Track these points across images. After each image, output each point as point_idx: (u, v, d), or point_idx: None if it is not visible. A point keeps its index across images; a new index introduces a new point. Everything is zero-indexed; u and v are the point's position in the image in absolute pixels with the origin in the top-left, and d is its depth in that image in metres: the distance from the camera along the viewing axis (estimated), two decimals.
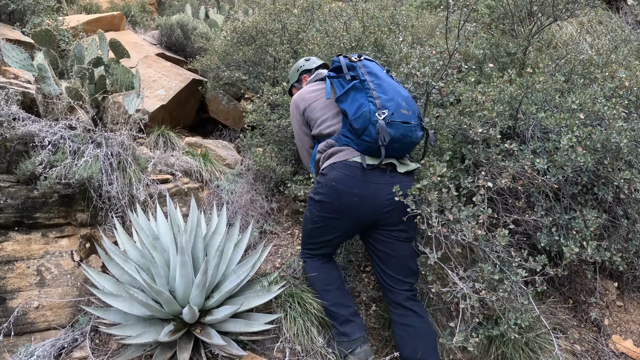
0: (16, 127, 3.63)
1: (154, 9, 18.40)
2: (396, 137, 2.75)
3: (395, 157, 2.90)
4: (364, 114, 2.75)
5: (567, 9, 4.31)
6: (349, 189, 2.83)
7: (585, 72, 4.12)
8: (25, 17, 6.39)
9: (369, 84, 2.82)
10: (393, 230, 2.95)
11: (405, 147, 2.87)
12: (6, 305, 3.38)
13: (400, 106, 2.80)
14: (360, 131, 2.77)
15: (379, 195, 2.84)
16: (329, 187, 2.90)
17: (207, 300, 3.31)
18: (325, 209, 2.98)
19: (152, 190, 4.19)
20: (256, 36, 5.96)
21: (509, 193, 3.64)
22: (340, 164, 2.87)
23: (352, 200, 2.84)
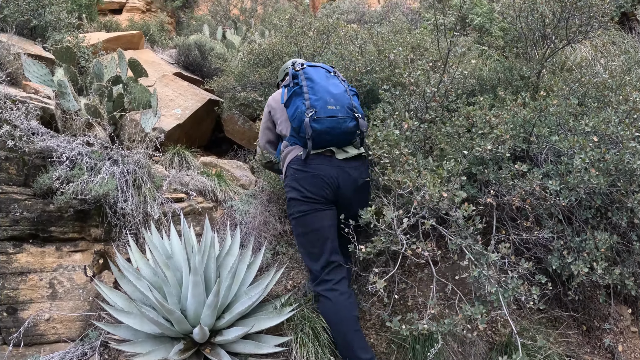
0: (35, 141, 3.70)
1: (172, 29, 18.71)
2: (323, 130, 3.14)
3: (334, 145, 3.25)
4: (298, 114, 3.19)
5: (580, 31, 4.32)
6: (306, 175, 3.21)
7: (599, 95, 4.10)
8: (46, 33, 6.51)
9: (305, 89, 3.24)
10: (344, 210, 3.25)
11: (337, 137, 3.22)
12: (17, 315, 3.41)
13: (328, 103, 3.18)
14: (297, 129, 3.22)
15: (329, 174, 3.20)
16: (292, 179, 3.27)
17: (217, 320, 3.31)
18: (299, 200, 3.24)
19: (167, 208, 4.22)
20: (272, 58, 6.02)
21: (518, 214, 3.63)
22: (292, 161, 3.29)
23: (310, 181, 3.20)
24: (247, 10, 17.89)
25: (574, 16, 4.25)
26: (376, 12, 13.85)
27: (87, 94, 5.30)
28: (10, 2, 5.95)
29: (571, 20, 4.27)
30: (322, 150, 3.23)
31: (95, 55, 6.55)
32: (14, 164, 3.66)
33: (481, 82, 4.85)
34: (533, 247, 3.54)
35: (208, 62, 8.81)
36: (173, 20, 19.83)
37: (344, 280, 3.26)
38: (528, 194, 3.28)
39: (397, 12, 11.49)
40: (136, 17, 18.48)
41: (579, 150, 3.20)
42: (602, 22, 4.28)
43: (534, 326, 3.59)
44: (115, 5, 19.95)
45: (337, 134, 3.20)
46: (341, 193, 3.25)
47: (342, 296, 3.18)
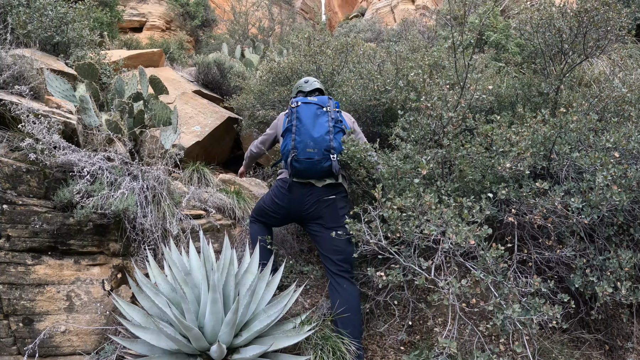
0: (56, 155, 3.72)
1: (191, 47, 18.97)
2: (301, 169, 3.77)
3: (311, 178, 3.86)
4: (285, 152, 3.85)
5: (597, 46, 4.30)
6: (285, 194, 3.92)
7: (618, 109, 4.07)
8: (69, 49, 6.62)
9: (293, 129, 3.83)
10: (317, 222, 3.87)
11: (312, 174, 3.83)
12: (33, 326, 3.41)
13: (308, 146, 3.77)
14: (285, 161, 3.85)
15: (301, 199, 3.87)
16: (278, 190, 3.99)
17: (235, 338, 3.27)
18: (273, 202, 4.00)
19: (185, 225, 4.23)
20: (291, 77, 6.06)
21: (540, 233, 3.58)
22: (281, 180, 4.01)
23: (285, 200, 3.92)
24: (265, 29, 18.09)
25: (591, 30, 4.24)
26: (393, 31, 13.92)
27: (108, 109, 5.36)
28: (34, 19, 6.07)
29: (588, 35, 4.26)
30: (303, 181, 3.86)
31: (116, 72, 6.63)
32: (35, 176, 3.70)
33: (499, 99, 4.84)
34: (555, 265, 3.49)
35: (227, 80, 8.90)
36: (192, 39, 20.11)
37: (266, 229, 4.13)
38: (550, 212, 3.24)
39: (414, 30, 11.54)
40: (156, 36, 18.79)
41: (601, 167, 3.16)
42: (619, 36, 4.26)
43: (557, 347, 3.53)
44: (136, 23, 20.32)
45: (312, 173, 3.81)
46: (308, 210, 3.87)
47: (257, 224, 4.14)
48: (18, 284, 3.45)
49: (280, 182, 4.02)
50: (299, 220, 4.05)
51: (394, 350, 3.76)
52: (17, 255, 3.50)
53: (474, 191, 3.73)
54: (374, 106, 5.03)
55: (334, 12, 39.53)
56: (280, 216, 4.06)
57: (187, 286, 3.36)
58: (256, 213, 4.20)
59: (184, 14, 20.80)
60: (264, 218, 4.14)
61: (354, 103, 5.13)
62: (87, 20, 7.24)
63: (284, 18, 23.69)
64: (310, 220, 3.91)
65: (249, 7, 20.93)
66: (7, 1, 6.03)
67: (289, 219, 4.14)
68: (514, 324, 2.87)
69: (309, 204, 3.86)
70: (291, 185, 3.90)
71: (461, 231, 2.93)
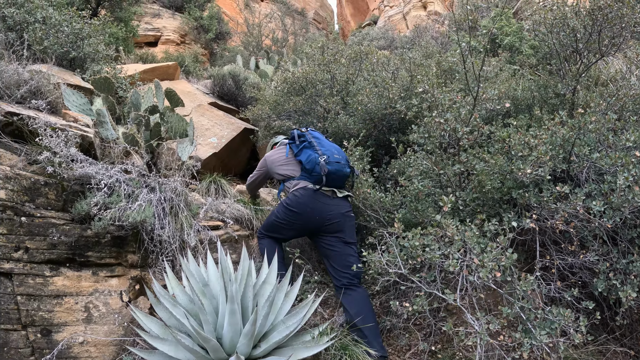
0: (74, 168, 3.75)
1: (206, 60, 19.12)
2: (332, 171, 4.07)
3: (335, 186, 4.14)
4: (312, 159, 4.11)
5: (612, 43, 4.24)
6: (307, 202, 4.07)
7: (636, 107, 4.00)
8: (85, 64, 6.68)
9: (314, 144, 4.22)
10: (336, 236, 4.06)
11: (339, 178, 4.14)
12: (51, 337, 3.42)
13: (334, 154, 4.17)
14: (310, 170, 4.10)
15: (324, 209, 4.07)
16: (295, 200, 4.09)
17: (254, 349, 3.25)
18: (290, 214, 4.10)
19: (203, 236, 4.24)
20: (306, 86, 6.06)
21: (562, 238, 3.52)
22: (302, 189, 4.13)
23: (307, 209, 4.06)
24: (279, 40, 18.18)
25: (605, 28, 4.19)
26: (406, 38, 13.91)
27: (125, 123, 5.40)
28: (50, 35, 6.14)
29: (603, 33, 4.21)
30: (328, 189, 4.12)
31: (132, 86, 6.69)
32: (53, 189, 3.72)
33: (515, 102, 4.80)
34: (578, 271, 3.43)
35: (242, 91, 8.96)
36: (207, 52, 20.27)
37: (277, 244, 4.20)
38: (571, 217, 3.19)
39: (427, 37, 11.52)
40: (171, 49, 18.97)
41: (622, 167, 3.11)
42: (634, 32, 4.20)
43: (582, 355, 3.44)
44: (151, 38, 20.53)
45: (340, 176, 4.14)
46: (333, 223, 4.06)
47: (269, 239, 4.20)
48: (36, 295, 3.46)
49: (301, 191, 4.13)
50: (315, 231, 4.14)
51: None
52: (36, 267, 3.51)
53: (493, 199, 3.69)
54: (390, 114, 5.01)
55: (346, 21, 39.66)
56: (295, 228, 4.16)
57: (205, 297, 3.35)
58: (266, 229, 4.28)
59: (198, 28, 20.99)
60: (275, 233, 4.22)
61: (370, 112, 5.12)
62: (102, 35, 7.32)
63: (297, 29, 23.83)
64: (328, 233, 4.08)
65: (262, 18, 21.08)
66: (23, 18, 6.11)
67: (304, 231, 4.23)
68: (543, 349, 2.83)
69: (332, 214, 4.06)
70: (316, 192, 4.10)
71: (486, 264, 2.90)
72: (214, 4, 22.71)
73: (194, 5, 21.90)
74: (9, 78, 4.11)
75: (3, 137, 3.78)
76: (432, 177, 3.92)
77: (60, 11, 6.71)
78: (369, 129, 5.14)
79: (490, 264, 2.90)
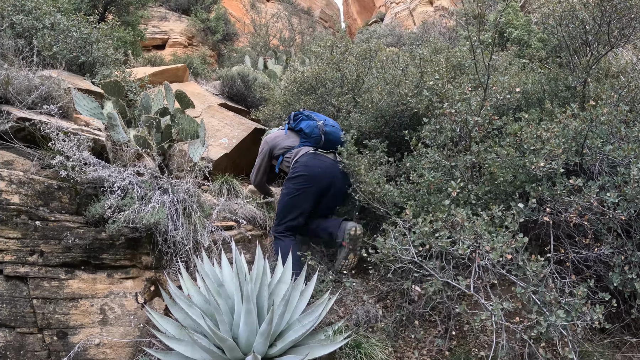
0: (87, 171, 3.77)
1: (214, 61, 19.16)
2: (329, 131, 4.58)
3: (332, 148, 4.63)
4: (311, 124, 4.61)
5: (622, 35, 4.20)
6: (313, 164, 4.47)
7: None
8: (94, 68, 6.71)
9: (311, 115, 4.71)
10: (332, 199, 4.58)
11: (335, 140, 4.62)
12: (67, 340, 3.44)
13: (329, 122, 4.71)
14: (310, 133, 4.58)
15: (329, 168, 4.50)
16: (302, 165, 4.46)
17: (269, 348, 3.26)
18: (300, 180, 4.41)
19: (216, 236, 4.25)
20: (316, 85, 6.06)
21: (575, 231, 3.50)
22: (303, 155, 4.54)
23: (315, 170, 4.43)
24: (286, 40, 18.19)
25: (614, 19, 4.15)
26: (413, 34, 13.87)
27: (136, 125, 5.42)
28: (59, 40, 6.18)
29: (612, 24, 4.17)
30: (326, 152, 4.60)
31: (142, 89, 6.72)
32: (66, 193, 3.75)
33: (526, 96, 4.76)
34: (593, 264, 3.40)
35: (252, 92, 8.98)
36: (214, 54, 20.32)
37: (292, 234, 4.40)
38: (585, 210, 3.17)
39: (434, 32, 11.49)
40: (179, 52, 19.03)
41: (635, 159, 3.08)
42: None
43: (597, 349, 3.42)
44: (159, 41, 20.60)
45: (335, 137, 4.62)
46: (334, 186, 4.48)
47: (287, 238, 4.32)
48: (52, 298, 3.49)
49: (303, 158, 4.53)
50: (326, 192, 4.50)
51: (430, 357, 3.70)
52: (51, 270, 3.54)
53: (505, 192, 3.67)
54: (401, 111, 5.00)
55: (353, 19, 39.59)
56: (311, 191, 4.44)
57: (220, 297, 3.35)
58: (282, 217, 4.44)
59: (205, 30, 21.03)
60: (294, 213, 4.41)
61: (381, 109, 5.10)
62: (110, 39, 7.36)
63: (304, 28, 23.82)
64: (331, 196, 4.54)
65: (269, 19, 21.10)
66: (31, 24, 6.16)
67: (319, 193, 4.49)
68: (559, 330, 2.81)
69: (338, 172, 4.52)
70: (316, 154, 4.56)
71: (497, 247, 2.89)
72: (220, 6, 22.74)
73: (200, 7, 21.96)
74: (19, 84, 4.14)
75: (15, 142, 3.81)
76: (443, 171, 3.90)
77: (68, 17, 6.75)
78: (380, 126, 5.13)
79: (501, 246, 2.89)
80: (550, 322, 2.77)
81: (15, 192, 3.51)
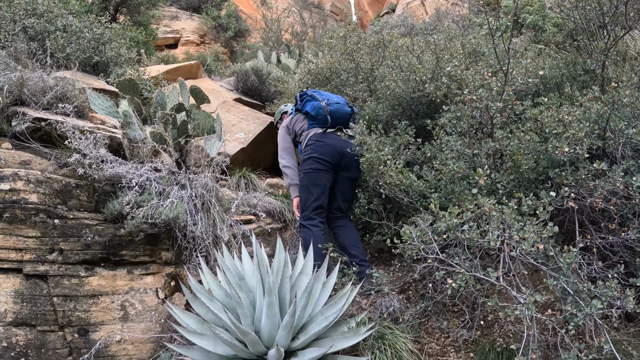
0: (104, 168, 3.77)
1: (226, 58, 19.19)
2: (333, 110, 4.65)
3: (340, 124, 4.70)
4: (315, 105, 4.67)
5: (639, 16, 4.11)
6: (321, 143, 4.54)
7: None
8: (108, 68, 6.75)
9: (315, 95, 4.78)
10: (346, 172, 4.56)
11: (342, 116, 4.71)
12: (88, 337, 3.46)
13: (332, 98, 4.76)
14: (316, 115, 4.66)
15: (338, 144, 4.54)
16: (311, 147, 4.55)
17: (292, 341, 3.23)
18: (312, 161, 4.49)
19: (236, 230, 4.24)
20: (330, 77, 6.03)
21: (600, 216, 3.43)
22: (313, 136, 4.63)
23: (324, 148, 4.51)
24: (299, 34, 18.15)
25: (631, 0, 4.06)
26: (425, 24, 13.76)
27: (152, 123, 5.43)
28: (72, 41, 6.20)
29: (629, 6, 4.08)
30: (334, 130, 4.66)
31: (156, 86, 6.73)
32: (84, 191, 3.75)
33: (544, 81, 4.68)
34: (619, 250, 3.33)
35: (266, 86, 8.99)
36: (227, 50, 20.34)
37: (322, 221, 4.42)
38: (611, 194, 3.10)
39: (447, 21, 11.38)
40: (191, 50, 19.08)
41: None
42: None
43: (626, 338, 3.35)
44: (171, 40, 20.67)
45: (342, 115, 4.69)
46: (345, 159, 4.49)
47: (317, 228, 4.30)
48: (72, 296, 3.50)
49: (312, 138, 4.62)
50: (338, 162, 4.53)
51: (454, 348, 3.66)
52: (71, 268, 3.55)
53: (529, 180, 3.61)
54: (418, 98, 4.94)
55: (364, 12, 39.43)
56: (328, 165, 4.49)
57: (241, 291, 3.34)
58: (304, 200, 4.47)
59: (217, 27, 21.05)
60: (312, 193, 4.44)
61: (398, 97, 5.04)
62: (123, 39, 7.39)
63: (315, 22, 23.77)
64: (342, 169, 4.56)
65: (280, 13, 21.07)
66: (43, 27, 6.19)
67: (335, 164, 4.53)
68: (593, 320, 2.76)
69: (347, 146, 4.50)
70: (325, 134, 4.62)
71: (528, 237, 2.84)
72: (231, 3, 22.78)
73: (210, 5, 22.00)
74: (34, 85, 4.14)
75: (32, 142, 3.82)
76: (465, 159, 3.84)
77: (80, 19, 6.78)
78: (397, 115, 5.07)
79: (533, 236, 2.83)
80: (586, 313, 2.71)
81: (33, 191, 3.52)
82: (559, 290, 2.85)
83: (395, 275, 4.40)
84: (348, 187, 4.63)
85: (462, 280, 2.99)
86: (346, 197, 4.64)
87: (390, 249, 3.57)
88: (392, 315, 3.72)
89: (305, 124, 4.82)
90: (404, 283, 4.22)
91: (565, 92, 4.11)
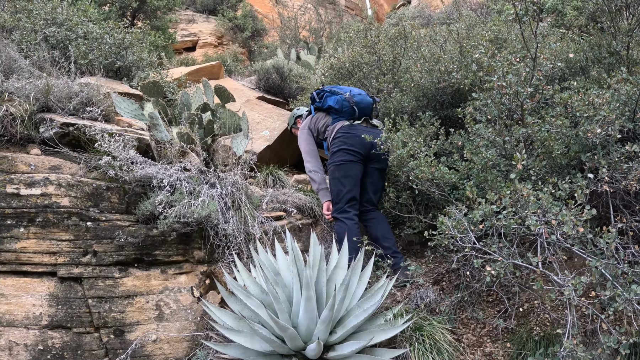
0: (134, 170, 3.79)
1: (245, 58, 19.25)
2: (359, 100, 4.63)
3: (365, 115, 4.68)
4: (338, 99, 4.65)
5: None
6: (350, 135, 4.50)
7: None
8: (131, 72, 6.80)
9: (334, 90, 4.74)
10: (375, 164, 4.54)
11: (366, 107, 4.70)
12: (124, 337, 3.48)
13: (354, 91, 4.72)
14: (341, 108, 4.64)
15: (366, 133, 4.36)
16: (340, 140, 4.51)
17: (330, 335, 3.22)
18: (342, 153, 4.46)
19: (267, 227, 4.24)
20: (353, 70, 6.02)
21: (634, 200, 3.37)
22: (340, 128, 4.58)
23: (354, 139, 4.46)
24: (316, 31, 18.12)
25: None
26: (442, 14, 13.62)
27: (177, 124, 5.45)
28: (94, 48, 6.27)
29: None
30: (360, 122, 4.63)
31: (180, 88, 6.78)
32: (115, 193, 3.78)
33: (569, 65, 4.62)
34: None
35: (287, 83, 9.01)
36: (245, 51, 20.38)
37: (356, 213, 4.40)
38: None
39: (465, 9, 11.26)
40: (210, 52, 19.18)
41: None
42: None
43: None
44: (189, 43, 20.79)
45: (365, 105, 4.67)
46: (374, 149, 4.36)
47: (351, 221, 4.30)
48: (107, 297, 3.52)
49: (340, 131, 4.56)
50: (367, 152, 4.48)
51: (490, 338, 3.62)
52: (105, 270, 3.57)
53: (561, 165, 3.56)
54: (443, 88, 4.90)
55: (379, 5, 39.14)
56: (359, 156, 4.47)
57: (278, 286, 3.33)
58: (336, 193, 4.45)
59: (234, 28, 21.09)
60: (345, 185, 4.40)
61: (423, 87, 5.01)
62: (143, 43, 7.45)
63: (332, 17, 23.71)
64: (371, 160, 4.53)
65: (296, 11, 21.06)
66: (64, 36, 6.25)
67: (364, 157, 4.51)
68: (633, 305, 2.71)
69: (375, 135, 4.36)
70: (353, 126, 4.57)
71: (567, 220, 2.80)
72: (246, 3, 22.81)
73: (226, 6, 22.06)
74: (59, 92, 4.18)
75: (61, 147, 3.85)
76: (496, 147, 3.79)
77: (100, 25, 6.85)
78: (423, 106, 5.03)
79: (573, 219, 2.79)
80: (625, 298, 2.67)
81: (64, 195, 3.55)
82: (598, 273, 2.80)
83: (428, 267, 4.38)
84: (378, 178, 4.62)
85: (500, 267, 2.96)
86: (377, 188, 4.62)
87: (421, 240, 3.55)
88: (427, 306, 3.70)
89: (329, 119, 4.80)
90: (437, 274, 4.20)
91: (592, 75, 4.04)
